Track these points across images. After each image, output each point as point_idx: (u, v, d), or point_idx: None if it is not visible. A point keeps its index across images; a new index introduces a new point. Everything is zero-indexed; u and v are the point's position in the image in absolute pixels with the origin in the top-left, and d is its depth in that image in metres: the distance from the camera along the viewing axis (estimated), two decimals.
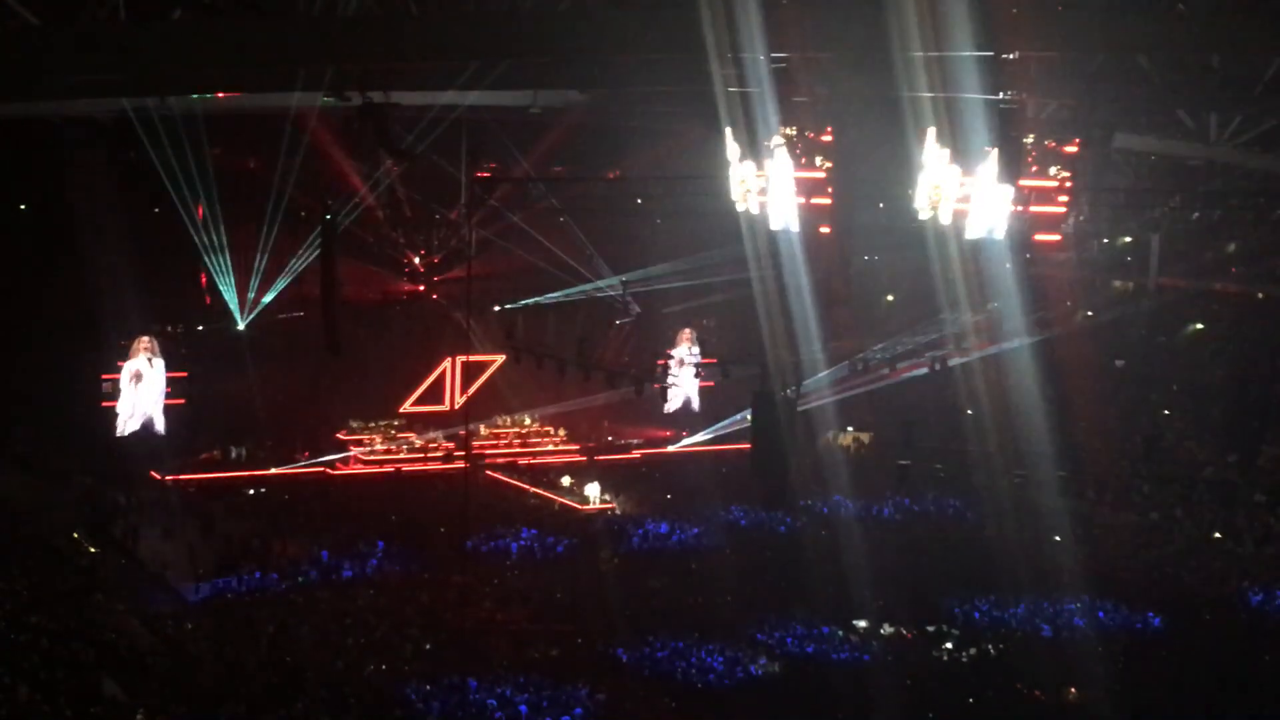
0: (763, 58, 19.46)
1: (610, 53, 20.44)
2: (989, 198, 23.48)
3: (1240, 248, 41.34)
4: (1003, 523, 33.56)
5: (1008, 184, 22.89)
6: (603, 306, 42.55)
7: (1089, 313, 43.53)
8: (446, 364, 40.96)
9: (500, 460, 40.08)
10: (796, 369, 34.98)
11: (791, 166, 24.31)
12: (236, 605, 28.50)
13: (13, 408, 33.07)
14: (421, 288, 42.41)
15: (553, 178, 39.42)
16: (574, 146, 37.68)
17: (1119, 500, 36.38)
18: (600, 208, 39.52)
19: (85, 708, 20.21)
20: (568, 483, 38.45)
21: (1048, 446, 33.97)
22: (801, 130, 24.81)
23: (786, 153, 24.12)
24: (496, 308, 41.75)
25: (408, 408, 40.68)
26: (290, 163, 34.82)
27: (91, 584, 27.39)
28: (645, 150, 37.48)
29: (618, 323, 43.27)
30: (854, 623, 28.51)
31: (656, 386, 38.01)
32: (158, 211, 34.36)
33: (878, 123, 24.40)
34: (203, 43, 17.45)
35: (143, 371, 35.53)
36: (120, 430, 35.30)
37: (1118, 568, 32.69)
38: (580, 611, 28.96)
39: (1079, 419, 36.06)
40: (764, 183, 24.66)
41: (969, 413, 37.57)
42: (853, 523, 34.60)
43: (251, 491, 36.17)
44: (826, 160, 25.38)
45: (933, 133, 22.78)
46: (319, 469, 38.29)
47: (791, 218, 25.16)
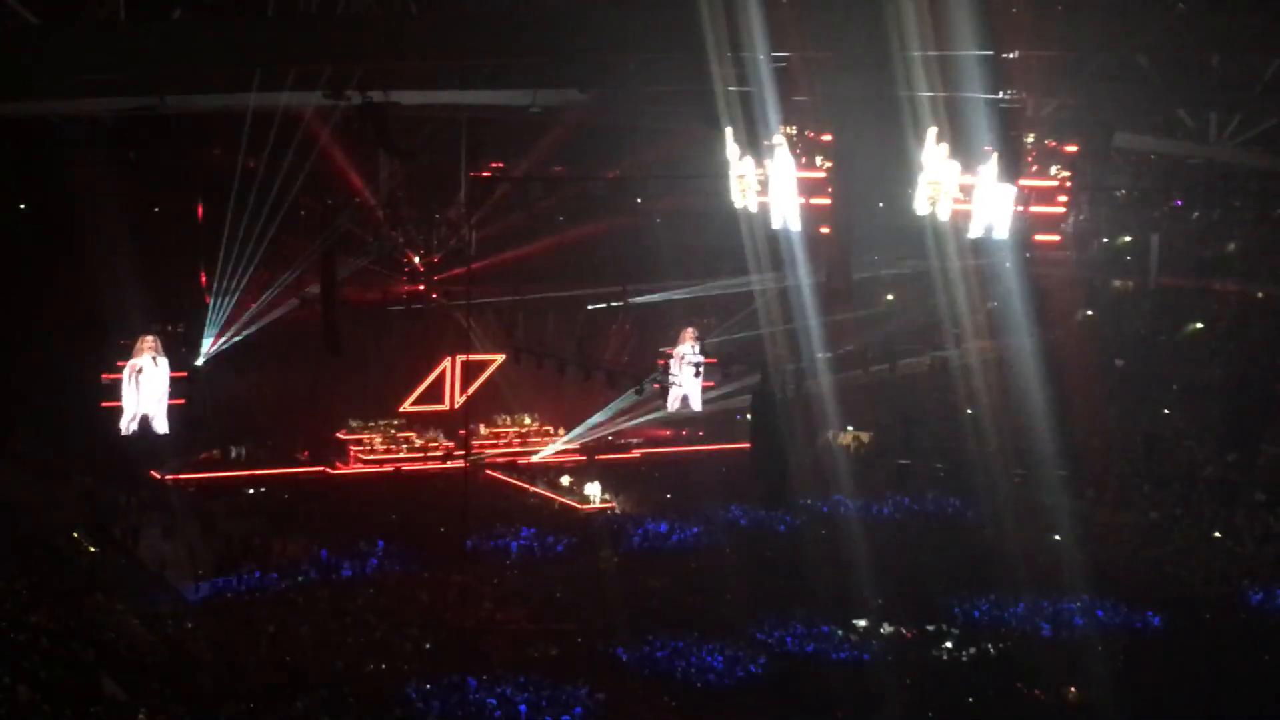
0: (763, 57, 19.45)
1: (610, 53, 20.50)
2: (990, 197, 23.50)
3: (1240, 247, 41.38)
4: (1003, 522, 33.49)
5: (1008, 184, 22.89)
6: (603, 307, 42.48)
7: (1089, 312, 43.53)
8: (446, 364, 40.93)
9: (500, 460, 40.08)
10: (796, 369, 34.99)
11: (792, 166, 24.32)
12: (236, 605, 28.50)
13: (13, 408, 33.09)
14: (421, 287, 42.37)
15: (553, 178, 39.37)
16: (574, 146, 37.66)
17: (1119, 500, 36.44)
18: (600, 207, 39.49)
19: (85, 708, 20.22)
20: (567, 482, 38.47)
21: (1048, 446, 34.01)
22: (801, 130, 24.87)
23: (787, 152, 24.14)
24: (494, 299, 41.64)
25: (408, 407, 40.62)
26: (285, 162, 34.72)
27: (91, 583, 27.42)
28: (645, 150, 37.49)
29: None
30: (854, 622, 28.47)
31: (657, 386, 37.89)
32: (158, 211, 34.30)
33: (878, 123, 24.38)
34: (203, 43, 17.47)
35: (146, 370, 35.44)
36: (124, 429, 35.23)
37: (1118, 567, 32.55)
38: (580, 611, 28.93)
39: (1079, 419, 36.09)
40: (764, 177, 24.67)
41: (969, 413, 37.57)
42: (853, 522, 34.48)
43: (251, 491, 36.17)
44: (826, 160, 25.42)
45: (933, 133, 22.80)
46: (319, 469, 38.29)
47: (792, 217, 25.17)
